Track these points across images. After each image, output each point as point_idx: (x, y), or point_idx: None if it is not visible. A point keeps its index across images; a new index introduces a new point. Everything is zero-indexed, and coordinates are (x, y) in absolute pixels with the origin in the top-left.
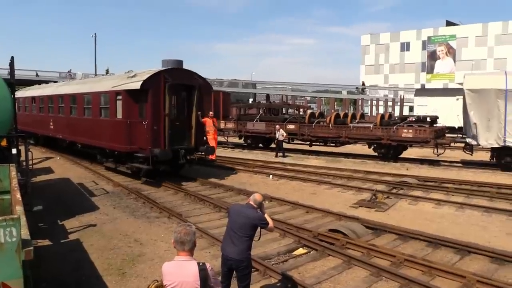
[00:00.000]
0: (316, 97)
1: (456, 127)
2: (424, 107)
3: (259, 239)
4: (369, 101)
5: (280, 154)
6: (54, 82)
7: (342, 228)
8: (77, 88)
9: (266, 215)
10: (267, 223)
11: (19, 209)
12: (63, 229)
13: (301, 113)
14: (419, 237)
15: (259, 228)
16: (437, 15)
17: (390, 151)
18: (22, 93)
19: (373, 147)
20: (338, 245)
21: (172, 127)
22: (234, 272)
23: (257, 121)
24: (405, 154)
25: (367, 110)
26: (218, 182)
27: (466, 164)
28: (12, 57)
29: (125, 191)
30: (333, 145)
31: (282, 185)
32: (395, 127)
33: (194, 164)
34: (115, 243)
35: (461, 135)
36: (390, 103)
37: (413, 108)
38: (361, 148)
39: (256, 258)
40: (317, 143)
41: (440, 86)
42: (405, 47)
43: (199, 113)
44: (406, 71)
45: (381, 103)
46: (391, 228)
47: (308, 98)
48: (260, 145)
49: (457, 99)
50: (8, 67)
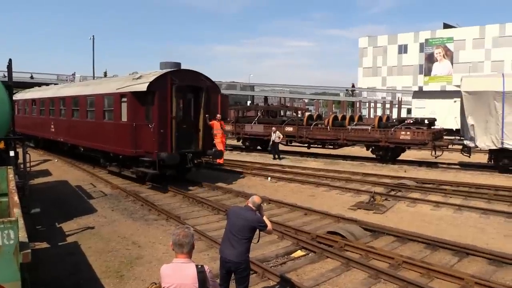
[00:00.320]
0: (314, 99)
1: (454, 129)
2: (422, 109)
3: (258, 241)
4: (367, 104)
5: (276, 156)
6: (47, 85)
7: (340, 230)
8: (79, 90)
9: (264, 217)
10: (266, 226)
11: (16, 211)
12: (61, 232)
13: (299, 116)
14: (417, 239)
15: (258, 230)
16: (435, 18)
17: (388, 153)
18: (22, 95)
19: (371, 149)
20: (336, 247)
21: (179, 130)
22: (233, 275)
23: (255, 123)
24: (403, 156)
25: (365, 112)
26: (217, 185)
27: (464, 166)
28: (10, 60)
29: (123, 193)
30: (331, 147)
31: (280, 187)
32: (393, 129)
33: (201, 168)
34: (113, 245)
35: (458, 137)
36: (388, 105)
37: (411, 110)
38: (359, 150)
39: (255, 260)
40: (315, 145)
41: (438, 88)
42: (402, 49)
43: (206, 115)
44: (403, 73)
45: (379, 105)
46: (390, 230)
47: (306, 101)
48: (258, 147)
49: (455, 101)
50: (6, 69)
